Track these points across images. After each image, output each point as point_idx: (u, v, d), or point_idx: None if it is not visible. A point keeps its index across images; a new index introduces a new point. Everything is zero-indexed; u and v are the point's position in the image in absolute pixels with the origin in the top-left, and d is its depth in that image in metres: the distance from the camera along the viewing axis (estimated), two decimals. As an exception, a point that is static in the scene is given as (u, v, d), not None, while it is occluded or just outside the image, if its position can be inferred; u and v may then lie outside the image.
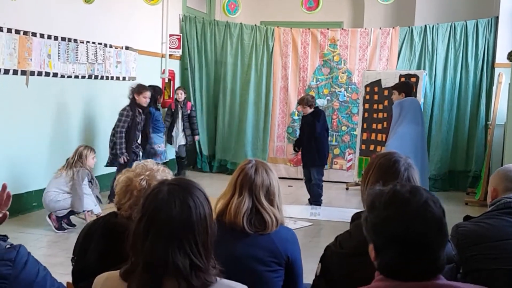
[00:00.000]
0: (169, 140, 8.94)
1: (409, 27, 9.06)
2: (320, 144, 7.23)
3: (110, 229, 2.36)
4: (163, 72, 9.18)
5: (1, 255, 1.58)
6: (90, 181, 5.93)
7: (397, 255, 1.48)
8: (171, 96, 9.50)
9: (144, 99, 7.01)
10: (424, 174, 6.52)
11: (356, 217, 2.13)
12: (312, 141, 7.19)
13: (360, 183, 2.32)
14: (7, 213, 1.83)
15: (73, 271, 2.45)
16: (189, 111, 9.01)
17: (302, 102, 7.31)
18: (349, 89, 9.28)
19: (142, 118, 7.09)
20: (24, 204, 6.30)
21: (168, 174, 2.47)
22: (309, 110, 7.22)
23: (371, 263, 1.66)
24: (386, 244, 1.50)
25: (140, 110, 7.02)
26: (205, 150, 9.81)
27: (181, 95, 8.90)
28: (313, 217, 6.95)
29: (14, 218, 6.03)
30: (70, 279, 2.47)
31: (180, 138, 8.96)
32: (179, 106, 8.92)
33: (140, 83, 7.20)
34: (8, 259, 1.58)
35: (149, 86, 7.50)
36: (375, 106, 8.59)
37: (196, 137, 9.18)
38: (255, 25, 9.74)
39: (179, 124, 8.91)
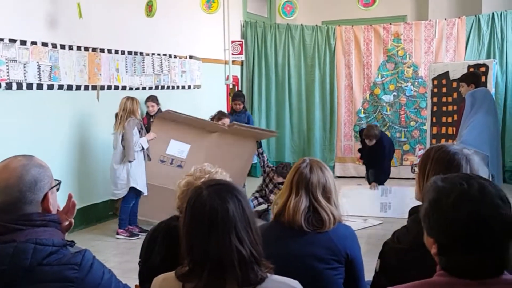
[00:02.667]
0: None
1: (475, 15, 8.77)
2: (384, 168, 7.26)
3: (171, 232, 2.43)
4: (227, 79, 9.31)
5: (68, 259, 1.66)
6: (139, 131, 6.01)
7: (463, 255, 1.44)
8: (237, 101, 9.60)
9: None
10: (498, 166, 6.28)
11: (413, 211, 2.10)
12: (376, 165, 7.23)
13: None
14: (73, 221, 1.92)
15: (140, 273, 2.56)
16: None
17: (369, 137, 7.07)
18: (416, 83, 9.09)
19: None
20: (100, 213, 6.57)
21: (226, 176, 2.52)
22: (374, 141, 7.10)
23: (429, 257, 1.63)
24: (452, 244, 1.46)
25: None
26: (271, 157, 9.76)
27: (152, 108, 7.16)
28: (384, 213, 6.85)
29: (92, 227, 6.32)
30: (139, 282, 2.57)
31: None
32: (151, 121, 6.98)
33: (221, 110, 7.27)
34: (74, 263, 1.66)
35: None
36: (444, 99, 8.35)
37: None
38: (316, 25, 9.71)
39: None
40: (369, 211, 6.84)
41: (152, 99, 7.16)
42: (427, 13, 9.94)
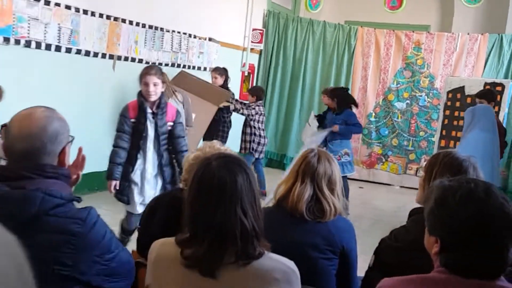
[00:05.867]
0: (125, 187, 4.31)
1: (499, 34, 8.73)
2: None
3: (174, 203, 2.46)
4: (244, 65, 9.31)
5: (74, 213, 1.69)
6: None
7: (467, 254, 1.47)
8: (250, 89, 9.58)
9: None
10: (494, 182, 6.25)
11: (413, 212, 2.12)
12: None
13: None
14: (81, 174, 1.95)
15: (138, 239, 2.59)
16: (171, 124, 4.21)
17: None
18: (431, 94, 9.06)
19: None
20: (103, 181, 6.59)
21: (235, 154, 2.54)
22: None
23: (427, 258, 1.65)
24: (457, 242, 1.48)
25: None
26: (274, 149, 9.80)
27: (155, 88, 4.06)
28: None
29: (94, 194, 6.38)
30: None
31: (150, 182, 4.21)
32: (148, 114, 4.13)
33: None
34: (79, 218, 1.69)
35: None
36: (456, 113, 8.33)
37: None
38: (339, 23, 9.68)
39: (150, 151, 4.18)
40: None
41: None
42: (451, 26, 9.91)
